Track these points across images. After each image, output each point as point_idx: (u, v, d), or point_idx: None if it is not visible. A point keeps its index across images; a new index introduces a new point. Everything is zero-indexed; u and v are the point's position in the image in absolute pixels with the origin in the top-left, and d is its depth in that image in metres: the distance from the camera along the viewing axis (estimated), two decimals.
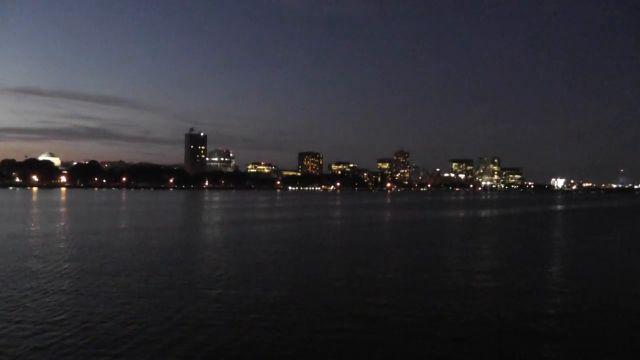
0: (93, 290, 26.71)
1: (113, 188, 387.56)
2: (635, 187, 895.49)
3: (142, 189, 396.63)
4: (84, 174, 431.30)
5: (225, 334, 19.65)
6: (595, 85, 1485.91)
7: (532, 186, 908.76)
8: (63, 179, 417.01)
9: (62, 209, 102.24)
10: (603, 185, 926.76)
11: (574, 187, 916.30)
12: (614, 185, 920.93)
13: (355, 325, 20.95)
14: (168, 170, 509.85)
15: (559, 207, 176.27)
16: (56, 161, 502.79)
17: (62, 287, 27.30)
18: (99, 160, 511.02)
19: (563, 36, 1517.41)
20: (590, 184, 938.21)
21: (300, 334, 19.98)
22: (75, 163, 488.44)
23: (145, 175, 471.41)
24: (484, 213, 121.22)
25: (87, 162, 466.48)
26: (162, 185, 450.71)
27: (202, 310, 23.02)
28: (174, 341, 18.79)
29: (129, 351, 17.75)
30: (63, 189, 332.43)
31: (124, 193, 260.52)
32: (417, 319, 22.27)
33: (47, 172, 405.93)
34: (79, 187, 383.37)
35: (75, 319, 21.15)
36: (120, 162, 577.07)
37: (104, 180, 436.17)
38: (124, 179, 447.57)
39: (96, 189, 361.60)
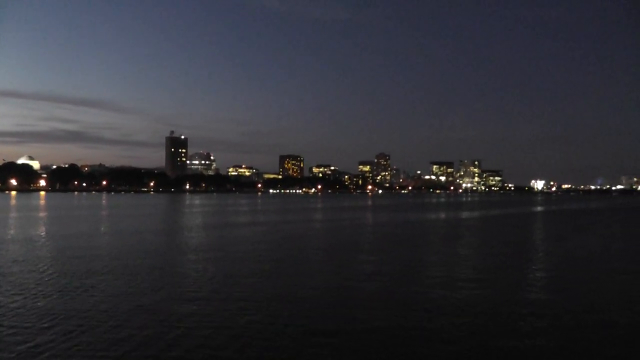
0: (76, 293, 26.71)
1: (93, 192, 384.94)
2: (613, 188, 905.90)
3: (123, 192, 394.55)
4: (64, 178, 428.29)
5: (204, 337, 19.78)
6: (575, 88, 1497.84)
7: (512, 188, 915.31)
8: (42, 182, 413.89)
9: (42, 214, 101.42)
10: (582, 186, 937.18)
11: (554, 189, 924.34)
12: (593, 187, 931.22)
13: (337, 339, 21.00)
14: (149, 174, 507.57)
15: (539, 208, 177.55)
16: (35, 165, 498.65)
17: (43, 291, 27.25)
18: (79, 164, 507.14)
19: (540, 39, 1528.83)
20: (570, 186, 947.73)
21: (280, 338, 20.03)
22: (54, 167, 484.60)
23: (126, 179, 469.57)
24: (465, 215, 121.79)
25: (66, 166, 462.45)
26: (142, 189, 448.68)
27: (181, 313, 23.12)
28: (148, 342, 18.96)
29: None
30: (42, 193, 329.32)
31: (104, 197, 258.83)
32: (399, 329, 22.38)
33: (26, 176, 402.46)
34: (58, 191, 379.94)
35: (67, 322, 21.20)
36: (101, 165, 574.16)
37: (84, 184, 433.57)
38: (104, 182, 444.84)
39: (76, 192, 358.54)
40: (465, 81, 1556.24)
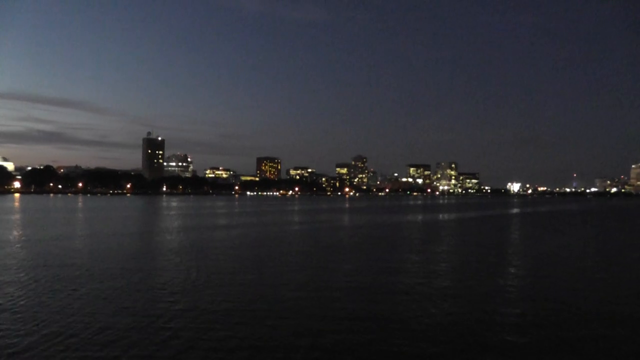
0: (58, 296, 26.63)
1: (69, 194, 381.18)
2: (587, 191, 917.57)
3: (99, 194, 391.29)
4: (39, 179, 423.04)
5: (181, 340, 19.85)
6: (551, 92, 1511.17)
7: (489, 190, 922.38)
8: (16, 184, 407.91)
9: (17, 216, 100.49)
10: (557, 189, 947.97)
11: (530, 191, 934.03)
12: (568, 190, 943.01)
13: (314, 340, 21.16)
14: (125, 176, 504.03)
15: (515, 210, 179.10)
16: (9, 166, 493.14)
17: (21, 295, 27.15)
18: (54, 165, 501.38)
19: (515, 43, 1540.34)
20: (545, 188, 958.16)
21: (266, 340, 20.18)
22: (29, 168, 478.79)
23: (102, 181, 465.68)
24: (442, 217, 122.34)
25: (41, 167, 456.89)
26: (119, 191, 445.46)
27: (156, 315, 23.18)
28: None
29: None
30: (17, 194, 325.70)
31: (80, 199, 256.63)
32: (376, 329, 22.64)
33: (0, 177, 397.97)
34: (33, 193, 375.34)
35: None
36: (77, 166, 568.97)
37: (60, 186, 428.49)
38: (80, 184, 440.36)
39: (51, 195, 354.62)
40: (442, 84, 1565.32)
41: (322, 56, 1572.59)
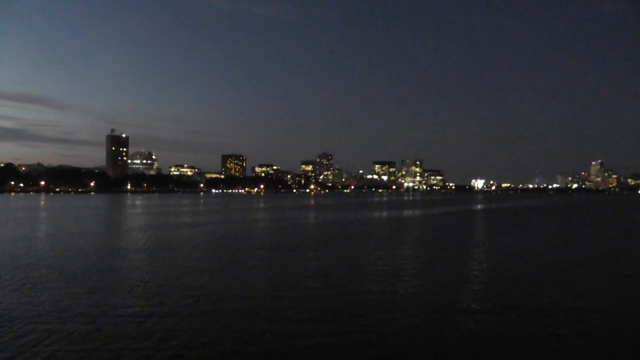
0: (26, 297, 26.41)
1: (31, 192, 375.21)
2: (549, 187, 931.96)
3: (62, 193, 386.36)
4: None
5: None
6: (514, 90, 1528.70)
7: (453, 187, 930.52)
8: None
9: None
10: (520, 185, 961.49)
11: (493, 188, 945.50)
12: (530, 186, 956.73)
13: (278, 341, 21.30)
14: (89, 173, 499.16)
15: (480, 206, 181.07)
16: None
17: None
18: (16, 163, 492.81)
19: (479, 42, 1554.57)
20: (509, 185, 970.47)
21: (223, 339, 20.13)
22: None
23: (65, 179, 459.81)
24: (407, 213, 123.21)
25: (2, 165, 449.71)
26: (82, 189, 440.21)
27: (116, 316, 23.06)
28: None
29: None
30: None
31: (42, 198, 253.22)
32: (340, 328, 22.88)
33: None
34: None
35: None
36: (39, 164, 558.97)
37: (21, 185, 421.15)
38: (42, 182, 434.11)
39: (12, 193, 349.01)
40: (407, 82, 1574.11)
41: (288, 54, 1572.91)
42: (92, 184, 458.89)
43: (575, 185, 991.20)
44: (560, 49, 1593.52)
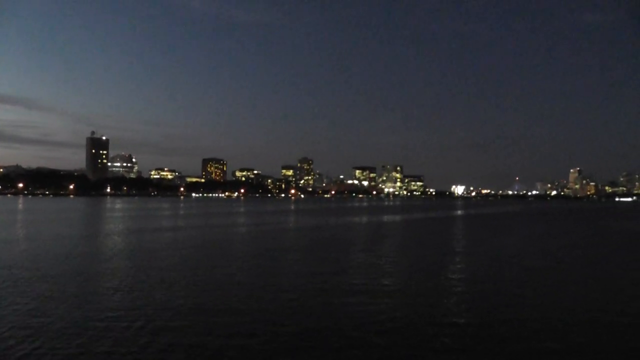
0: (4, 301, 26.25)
1: (8, 195, 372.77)
2: (529, 193, 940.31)
3: (41, 195, 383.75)
4: None
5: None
6: (494, 97, 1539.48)
7: (434, 193, 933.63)
8: None
9: None
10: (500, 191, 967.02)
11: (473, 194, 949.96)
12: (510, 192, 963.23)
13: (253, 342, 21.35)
14: (68, 176, 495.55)
15: (460, 212, 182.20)
16: None
17: None
18: None
19: (459, 49, 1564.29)
20: (489, 191, 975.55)
21: (205, 344, 20.16)
22: None
23: (44, 181, 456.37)
24: (388, 219, 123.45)
25: None
26: (61, 192, 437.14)
27: (94, 319, 23.00)
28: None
29: None
30: None
31: (20, 200, 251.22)
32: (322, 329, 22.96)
33: None
34: None
35: None
36: (17, 166, 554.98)
37: None
38: (20, 185, 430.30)
39: None
40: (388, 87, 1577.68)
41: (269, 57, 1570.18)
42: (71, 186, 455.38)
43: (554, 192, 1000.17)
44: (540, 58, 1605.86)
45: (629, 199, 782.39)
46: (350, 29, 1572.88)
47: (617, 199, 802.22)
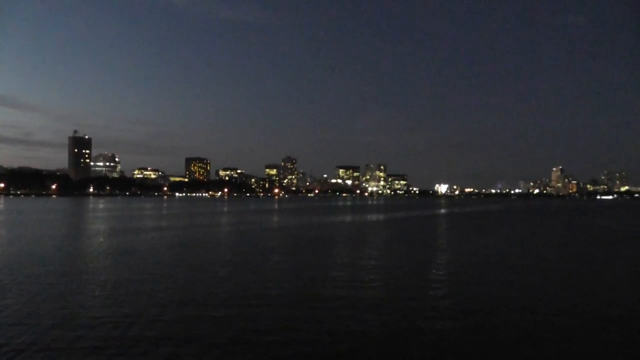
0: None
1: None
2: (512, 192, 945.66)
3: (22, 196, 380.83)
4: None
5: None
6: (477, 97, 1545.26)
7: (417, 191, 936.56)
8: None
9: None
10: (483, 190, 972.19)
11: (457, 193, 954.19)
12: (493, 191, 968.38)
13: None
14: (50, 176, 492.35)
15: (443, 210, 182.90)
16: None
17: None
18: None
19: (444, 49, 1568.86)
20: (472, 189, 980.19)
21: (188, 346, 20.21)
22: None
23: (26, 181, 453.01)
24: (372, 217, 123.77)
25: None
26: (43, 192, 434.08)
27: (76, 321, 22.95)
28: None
29: None
30: None
31: (1, 200, 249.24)
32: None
33: None
34: None
35: None
36: None
37: None
38: (1, 185, 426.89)
39: None
40: (371, 87, 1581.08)
41: (254, 58, 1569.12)
42: (53, 186, 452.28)
43: (536, 191, 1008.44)
44: (523, 58, 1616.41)
45: (610, 197, 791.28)
46: (333, 29, 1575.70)
47: (598, 197, 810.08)
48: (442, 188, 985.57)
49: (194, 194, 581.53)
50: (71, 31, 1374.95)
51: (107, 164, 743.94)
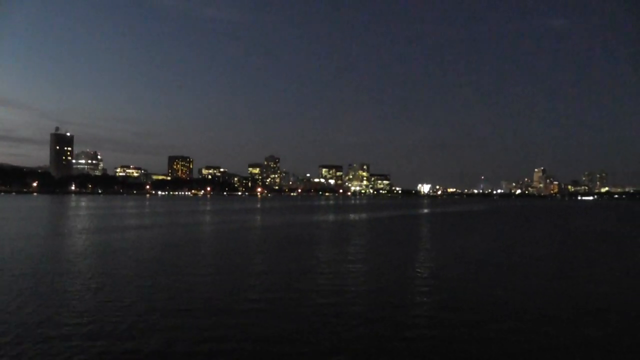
0: None
1: None
2: (494, 192, 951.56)
3: (2, 193, 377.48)
4: None
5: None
6: (460, 97, 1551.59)
7: (400, 191, 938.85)
8: None
9: None
10: (466, 190, 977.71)
11: (439, 192, 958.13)
12: (476, 191, 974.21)
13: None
14: (32, 173, 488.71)
15: (426, 210, 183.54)
16: None
17: None
18: None
19: (429, 50, 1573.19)
20: (454, 190, 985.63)
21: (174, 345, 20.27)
22: None
23: (6, 178, 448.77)
24: (354, 217, 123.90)
25: None
26: (24, 190, 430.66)
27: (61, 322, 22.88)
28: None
29: None
30: None
31: None
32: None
33: None
34: None
35: None
36: None
37: None
38: None
39: None
40: (354, 86, 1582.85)
41: (236, 55, 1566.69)
42: (34, 184, 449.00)
43: (518, 191, 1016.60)
44: (505, 61, 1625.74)
45: (590, 198, 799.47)
46: (317, 29, 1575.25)
47: (579, 198, 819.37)
48: (425, 188, 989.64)
49: (177, 193, 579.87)
50: (55, 28, 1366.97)
51: (89, 161, 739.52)
